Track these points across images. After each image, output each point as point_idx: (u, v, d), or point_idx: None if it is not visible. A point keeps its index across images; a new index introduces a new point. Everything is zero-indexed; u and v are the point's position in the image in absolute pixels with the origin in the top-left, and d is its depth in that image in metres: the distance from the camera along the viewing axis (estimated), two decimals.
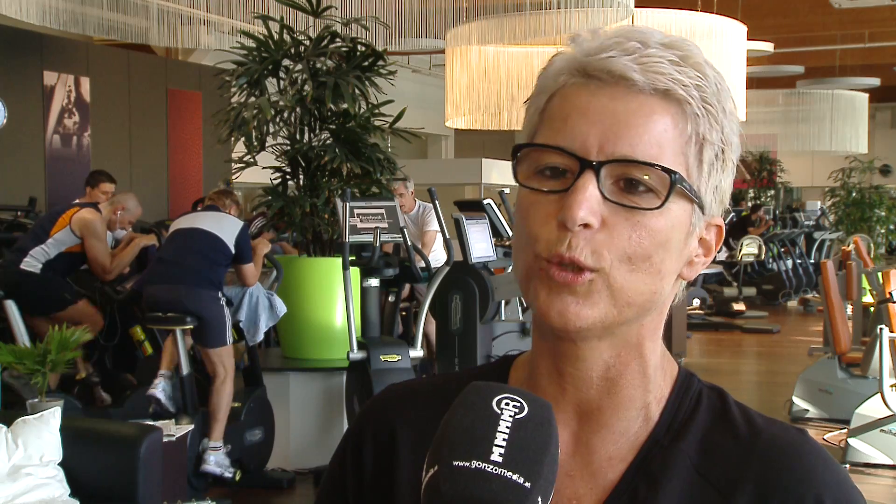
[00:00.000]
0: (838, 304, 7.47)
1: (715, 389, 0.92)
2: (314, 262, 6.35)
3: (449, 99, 8.78)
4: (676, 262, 0.85)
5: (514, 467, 0.70)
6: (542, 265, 0.83)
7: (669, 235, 0.83)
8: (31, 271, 5.77)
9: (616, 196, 0.82)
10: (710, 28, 8.36)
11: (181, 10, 8.18)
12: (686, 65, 0.83)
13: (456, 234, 6.24)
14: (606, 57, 0.83)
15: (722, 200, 0.87)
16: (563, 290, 0.82)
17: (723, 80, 0.86)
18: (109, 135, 9.82)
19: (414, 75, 15.54)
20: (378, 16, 7.16)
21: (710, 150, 0.84)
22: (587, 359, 0.86)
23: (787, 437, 0.87)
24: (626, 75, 0.82)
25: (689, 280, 0.89)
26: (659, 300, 0.86)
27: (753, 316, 13.70)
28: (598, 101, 0.83)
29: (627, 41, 0.83)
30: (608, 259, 0.81)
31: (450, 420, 0.74)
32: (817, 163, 21.62)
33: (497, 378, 0.94)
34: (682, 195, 0.83)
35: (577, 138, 0.82)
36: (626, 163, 0.81)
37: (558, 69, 0.86)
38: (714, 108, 0.84)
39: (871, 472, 6.06)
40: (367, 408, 0.98)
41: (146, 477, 3.89)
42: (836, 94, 15.50)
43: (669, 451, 0.87)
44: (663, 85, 0.82)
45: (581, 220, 0.80)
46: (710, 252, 0.88)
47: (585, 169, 0.81)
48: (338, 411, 5.92)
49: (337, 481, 0.96)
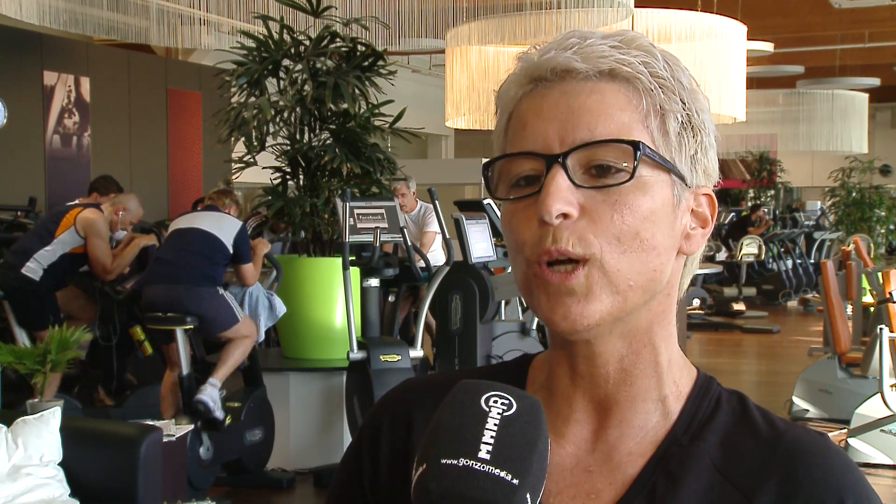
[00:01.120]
0: (838, 304, 7.47)
1: (735, 393, 0.92)
2: (314, 262, 6.35)
3: (449, 99, 8.78)
4: (669, 235, 0.85)
5: (502, 464, 0.70)
6: (535, 271, 0.83)
7: (653, 208, 0.83)
8: (31, 278, 5.77)
9: (588, 182, 0.82)
10: (710, 28, 8.36)
11: (181, 10, 8.19)
12: (629, 47, 0.85)
13: (456, 234, 6.24)
14: (547, 57, 0.85)
15: (706, 171, 0.88)
16: (561, 292, 0.82)
17: (676, 60, 0.87)
18: (109, 135, 9.83)
19: (414, 75, 15.55)
20: (378, 16, 7.17)
21: (673, 120, 0.84)
22: (601, 354, 0.87)
23: (810, 439, 0.87)
24: (569, 67, 0.84)
25: (692, 253, 0.89)
26: (662, 278, 0.85)
27: (753, 316, 13.70)
28: (550, 98, 0.84)
29: (566, 40, 0.86)
30: (597, 244, 0.81)
31: (438, 418, 0.74)
32: (817, 163, 21.63)
33: (515, 377, 0.95)
34: (654, 166, 0.83)
35: (538, 138, 0.84)
36: (588, 146, 0.82)
37: (509, 86, 0.89)
38: (668, 80, 0.85)
39: (871, 472, 6.06)
40: (385, 399, 0.98)
41: (146, 477, 3.90)
42: (836, 94, 15.49)
43: (689, 449, 0.87)
44: (607, 66, 0.83)
45: (557, 211, 0.81)
46: (708, 223, 0.88)
47: (552, 164, 0.82)
48: (338, 411, 5.92)
49: (353, 472, 0.95)
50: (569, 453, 0.89)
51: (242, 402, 5.57)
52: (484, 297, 6.15)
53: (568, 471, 0.88)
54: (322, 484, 5.63)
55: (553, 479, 0.87)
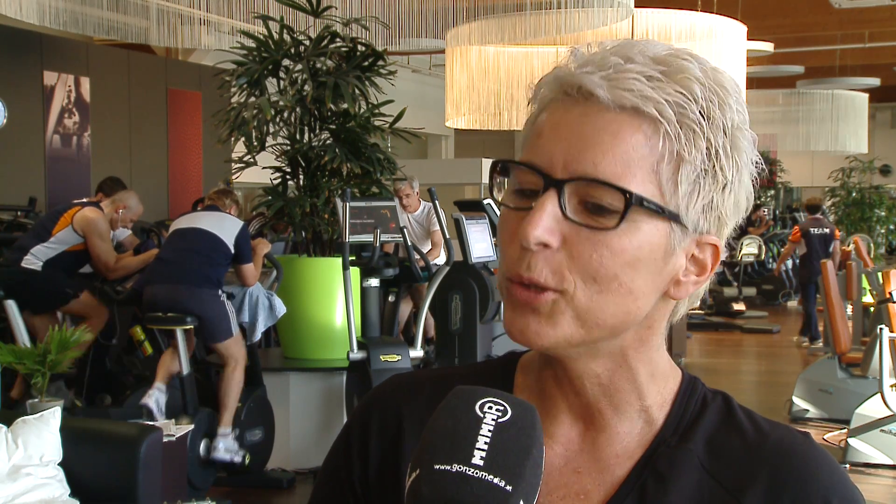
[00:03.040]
0: (838, 304, 7.48)
1: (719, 393, 0.92)
2: (314, 262, 6.35)
3: (449, 99, 8.78)
4: (653, 282, 0.83)
5: (496, 470, 0.70)
6: (506, 284, 0.83)
7: (638, 255, 0.81)
8: (33, 269, 5.77)
9: (578, 216, 0.80)
10: (710, 28, 8.36)
11: (181, 10, 8.19)
12: (669, 80, 0.81)
13: (456, 234, 6.24)
14: (582, 73, 0.82)
15: (720, 218, 0.84)
16: (526, 310, 0.82)
17: (726, 95, 0.83)
18: (109, 135, 9.82)
19: (414, 75, 15.55)
20: (378, 16, 7.17)
21: (689, 169, 0.81)
22: (575, 369, 0.87)
23: (793, 439, 0.88)
24: (592, 91, 0.81)
25: (680, 299, 0.86)
26: (635, 320, 0.84)
27: (753, 316, 13.71)
28: (570, 117, 0.82)
29: (611, 56, 0.82)
30: (570, 280, 0.80)
31: (432, 424, 0.74)
32: (817, 163, 21.62)
33: (502, 375, 0.95)
34: (651, 214, 0.81)
35: (546, 155, 0.82)
36: (586, 181, 0.80)
37: (546, 82, 0.86)
38: (699, 125, 0.81)
39: (871, 472, 6.06)
40: (373, 396, 0.98)
41: (146, 477, 3.89)
42: (836, 94, 15.49)
43: (677, 450, 0.87)
44: (630, 102, 0.80)
45: (536, 239, 0.79)
46: (705, 271, 0.85)
47: (548, 187, 0.81)
48: (338, 411, 5.92)
49: (340, 469, 0.95)
50: (557, 453, 0.89)
51: (242, 402, 5.57)
52: (484, 297, 6.15)
53: (557, 471, 0.88)
54: None
55: (543, 480, 0.87)
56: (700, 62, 0.83)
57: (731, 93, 0.84)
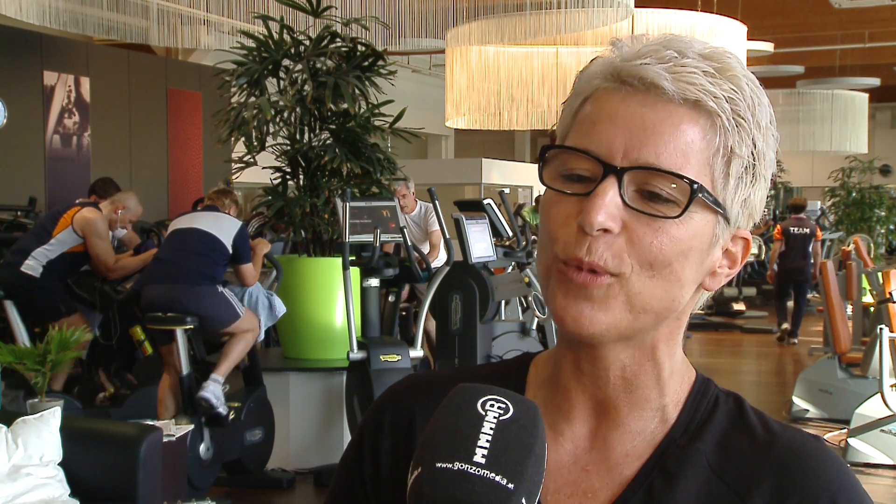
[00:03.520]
0: (838, 304, 7.47)
1: (731, 395, 0.93)
2: (314, 262, 6.35)
3: (449, 99, 8.79)
4: (697, 271, 0.85)
5: (497, 468, 0.70)
6: (559, 266, 0.83)
7: (691, 244, 0.83)
8: (31, 275, 5.77)
9: (637, 203, 0.82)
10: (710, 28, 8.36)
11: (181, 10, 8.19)
12: (722, 77, 0.83)
13: (456, 234, 6.24)
14: (640, 63, 0.83)
15: (751, 214, 0.88)
16: (579, 295, 0.83)
17: (762, 94, 0.86)
18: (109, 135, 9.83)
19: (414, 75, 15.55)
20: (378, 16, 7.17)
21: (739, 164, 0.84)
22: (604, 358, 0.87)
23: (804, 442, 0.89)
24: (657, 83, 0.82)
25: (712, 290, 0.89)
26: (677, 308, 0.86)
27: (753, 316, 13.71)
28: (628, 107, 0.83)
29: (665, 49, 0.84)
30: (629, 264, 0.82)
31: (434, 422, 0.74)
32: (817, 163, 21.63)
33: (515, 373, 0.95)
34: (704, 206, 0.83)
35: (604, 143, 0.83)
36: (648, 170, 0.81)
37: (594, 73, 0.87)
38: (747, 122, 0.84)
39: (871, 472, 6.05)
40: (387, 395, 0.98)
41: (146, 477, 3.89)
42: (836, 94, 15.50)
43: (686, 450, 0.88)
44: (693, 95, 0.82)
45: (600, 225, 0.80)
46: (736, 264, 0.88)
47: (608, 174, 0.81)
48: (338, 411, 5.92)
49: (353, 468, 0.96)
50: (567, 451, 0.89)
51: (242, 401, 5.57)
52: (484, 297, 6.15)
53: (566, 468, 0.89)
54: (322, 484, 5.63)
55: (551, 477, 0.87)
56: (739, 60, 0.86)
57: (763, 93, 0.87)
